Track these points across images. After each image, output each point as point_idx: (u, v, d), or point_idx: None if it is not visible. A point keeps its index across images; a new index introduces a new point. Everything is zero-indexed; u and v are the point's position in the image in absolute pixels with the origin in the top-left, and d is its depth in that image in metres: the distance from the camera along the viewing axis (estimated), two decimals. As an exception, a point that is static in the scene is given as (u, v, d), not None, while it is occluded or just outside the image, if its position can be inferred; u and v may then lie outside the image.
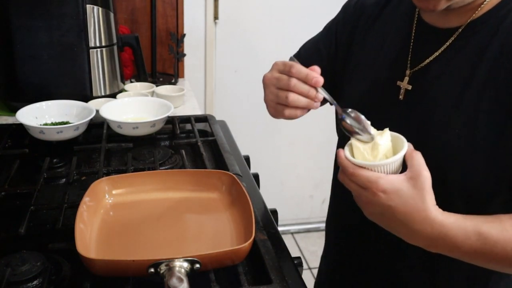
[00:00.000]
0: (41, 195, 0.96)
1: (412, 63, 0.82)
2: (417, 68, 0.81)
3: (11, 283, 0.71)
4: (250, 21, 2.27)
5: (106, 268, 0.70)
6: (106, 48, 1.52)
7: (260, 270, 0.78)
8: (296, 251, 2.61)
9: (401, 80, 0.83)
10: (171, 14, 1.97)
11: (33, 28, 1.38)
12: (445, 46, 0.78)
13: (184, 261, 0.68)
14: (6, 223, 0.88)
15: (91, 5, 1.44)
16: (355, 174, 0.69)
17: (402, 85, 0.82)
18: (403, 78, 0.83)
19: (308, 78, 0.77)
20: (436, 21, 0.81)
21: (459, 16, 0.77)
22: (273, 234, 0.88)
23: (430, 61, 0.80)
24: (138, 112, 1.32)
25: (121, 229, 0.84)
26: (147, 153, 1.14)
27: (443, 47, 0.78)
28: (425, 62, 0.80)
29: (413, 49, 0.83)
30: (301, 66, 0.78)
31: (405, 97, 0.82)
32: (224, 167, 1.09)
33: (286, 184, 2.63)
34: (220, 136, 1.26)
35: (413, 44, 0.83)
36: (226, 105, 2.34)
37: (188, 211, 0.90)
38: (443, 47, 0.78)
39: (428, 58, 0.80)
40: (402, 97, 0.82)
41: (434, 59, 0.79)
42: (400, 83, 0.83)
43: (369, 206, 0.70)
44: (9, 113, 1.46)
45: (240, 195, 0.87)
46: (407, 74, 0.82)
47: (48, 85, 1.42)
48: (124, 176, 0.94)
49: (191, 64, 2.17)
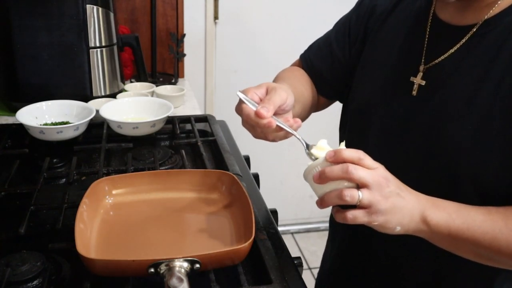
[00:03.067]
0: (41, 195, 0.96)
1: (426, 59, 0.82)
2: (431, 64, 0.81)
3: (11, 283, 0.71)
4: (250, 21, 2.27)
5: (106, 268, 0.70)
6: (106, 48, 1.52)
7: (260, 270, 0.78)
8: (296, 251, 2.60)
9: (414, 76, 0.83)
10: (171, 14, 1.97)
11: (33, 28, 1.38)
12: (460, 44, 0.78)
13: (184, 261, 0.68)
14: (6, 223, 0.88)
15: (91, 5, 1.44)
16: (365, 156, 0.67)
17: (415, 81, 0.82)
18: (417, 74, 0.82)
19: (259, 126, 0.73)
20: (451, 18, 0.81)
21: (475, 14, 0.77)
22: (273, 234, 0.87)
23: (445, 57, 0.80)
24: (138, 112, 1.32)
25: (121, 229, 0.84)
26: (147, 153, 1.14)
27: (458, 44, 0.78)
28: (439, 59, 0.80)
29: (428, 46, 0.83)
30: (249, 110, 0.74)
31: (418, 93, 0.82)
32: (224, 167, 1.09)
33: (286, 184, 2.63)
34: (220, 136, 1.26)
35: (427, 41, 0.83)
36: (226, 105, 2.32)
37: (188, 211, 0.90)
38: (458, 45, 0.78)
39: (443, 55, 0.80)
40: (415, 92, 0.82)
41: (449, 56, 0.79)
42: (413, 78, 0.83)
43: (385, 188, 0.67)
44: (9, 113, 1.46)
45: (240, 195, 0.87)
46: (420, 70, 0.82)
47: (48, 85, 1.42)
48: (124, 176, 0.93)
49: (191, 64, 2.17)
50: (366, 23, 0.96)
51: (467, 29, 0.78)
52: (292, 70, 1.05)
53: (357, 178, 0.65)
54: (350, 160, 0.66)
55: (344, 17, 1.03)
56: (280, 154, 2.53)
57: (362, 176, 0.65)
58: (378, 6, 0.95)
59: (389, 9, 0.92)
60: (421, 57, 0.83)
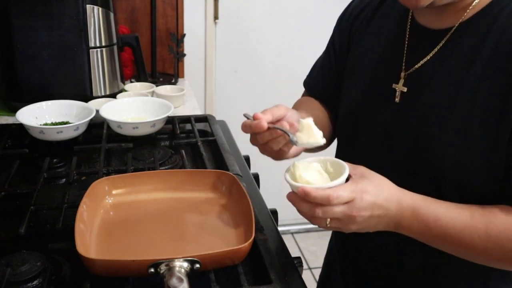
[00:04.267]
0: (41, 195, 0.96)
1: (407, 65, 0.82)
2: (412, 70, 0.81)
3: (11, 283, 0.71)
4: (250, 21, 2.27)
5: (106, 268, 0.70)
6: (106, 48, 1.52)
7: (260, 270, 0.78)
8: (296, 251, 2.60)
9: (396, 82, 0.83)
10: (171, 14, 1.97)
11: (33, 28, 1.38)
12: (438, 47, 0.78)
13: (184, 261, 0.68)
14: (6, 223, 0.88)
15: (91, 5, 1.44)
16: (339, 196, 0.67)
17: (397, 88, 0.82)
18: (398, 80, 0.82)
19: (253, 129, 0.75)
20: (429, 22, 0.81)
21: (452, 17, 0.77)
22: (273, 234, 0.88)
23: (424, 62, 0.80)
24: (138, 112, 1.32)
25: (121, 229, 0.84)
26: (147, 153, 1.14)
27: (436, 48, 0.78)
28: (419, 64, 0.80)
29: (407, 51, 0.83)
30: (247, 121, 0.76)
31: (401, 100, 0.82)
32: (224, 167, 1.09)
33: (286, 184, 2.62)
34: (220, 136, 1.26)
35: (407, 46, 0.83)
36: (226, 105, 2.33)
37: (188, 211, 0.90)
38: (436, 48, 0.78)
39: (423, 60, 0.80)
40: (398, 99, 0.82)
41: (428, 60, 0.79)
42: (395, 85, 0.83)
43: (358, 218, 0.69)
44: (9, 113, 1.46)
45: (240, 195, 0.87)
46: (402, 77, 0.82)
47: (48, 85, 1.42)
48: (124, 176, 0.94)
49: (191, 64, 2.17)
50: (348, 33, 0.96)
51: (445, 32, 0.78)
52: (301, 100, 1.08)
53: (322, 222, 0.70)
54: (320, 202, 0.68)
55: (329, 39, 1.04)
56: (280, 154, 2.53)
57: (329, 216, 0.69)
58: (359, 14, 0.95)
59: (369, 16, 0.93)
60: (401, 63, 0.83)
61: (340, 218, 0.69)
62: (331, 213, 0.68)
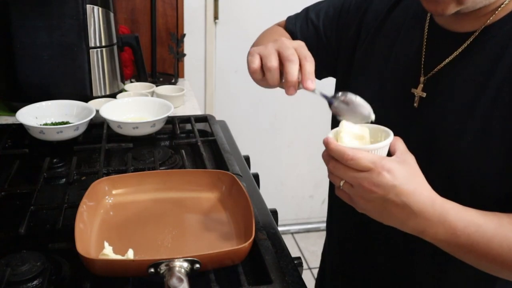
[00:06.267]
0: (41, 195, 0.96)
1: (426, 69, 0.80)
2: (431, 74, 0.79)
3: (11, 283, 0.71)
4: (250, 21, 2.26)
5: (106, 268, 0.70)
6: (106, 48, 1.52)
7: (260, 270, 0.77)
8: (296, 251, 2.61)
9: (415, 87, 0.80)
10: (171, 14, 1.97)
11: (33, 28, 1.38)
12: (459, 51, 0.76)
13: (184, 261, 0.68)
14: (6, 223, 0.88)
15: (91, 5, 1.44)
16: (355, 158, 0.63)
17: (416, 93, 0.80)
18: (417, 85, 0.80)
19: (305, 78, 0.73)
20: (450, 25, 0.79)
21: (474, 21, 0.75)
22: (273, 234, 0.87)
23: (444, 65, 0.77)
24: (138, 112, 1.32)
25: (121, 229, 0.84)
26: (147, 153, 1.14)
27: (457, 51, 0.76)
28: (438, 67, 0.78)
29: (426, 54, 0.81)
30: None
31: (420, 105, 0.80)
32: (224, 167, 1.09)
33: (286, 184, 2.63)
34: (220, 136, 1.26)
35: (426, 48, 0.81)
36: (226, 105, 2.33)
37: (188, 211, 0.90)
38: (457, 52, 0.76)
39: (442, 63, 0.78)
40: (416, 104, 0.80)
41: (448, 63, 0.77)
42: (414, 90, 0.80)
43: (369, 193, 0.64)
44: (9, 113, 1.46)
45: (240, 195, 0.87)
46: (421, 81, 0.80)
47: (48, 85, 1.42)
48: (124, 176, 0.94)
49: (191, 64, 2.17)
50: (359, 23, 0.93)
51: (466, 36, 0.76)
52: (277, 31, 1.02)
53: (336, 181, 0.67)
54: (335, 156, 0.65)
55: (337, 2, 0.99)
56: (280, 154, 2.53)
57: (339, 174, 0.66)
58: (371, 6, 0.92)
59: (383, 15, 0.90)
60: (420, 66, 0.81)
61: (352, 184, 0.65)
62: (342, 173, 0.65)
